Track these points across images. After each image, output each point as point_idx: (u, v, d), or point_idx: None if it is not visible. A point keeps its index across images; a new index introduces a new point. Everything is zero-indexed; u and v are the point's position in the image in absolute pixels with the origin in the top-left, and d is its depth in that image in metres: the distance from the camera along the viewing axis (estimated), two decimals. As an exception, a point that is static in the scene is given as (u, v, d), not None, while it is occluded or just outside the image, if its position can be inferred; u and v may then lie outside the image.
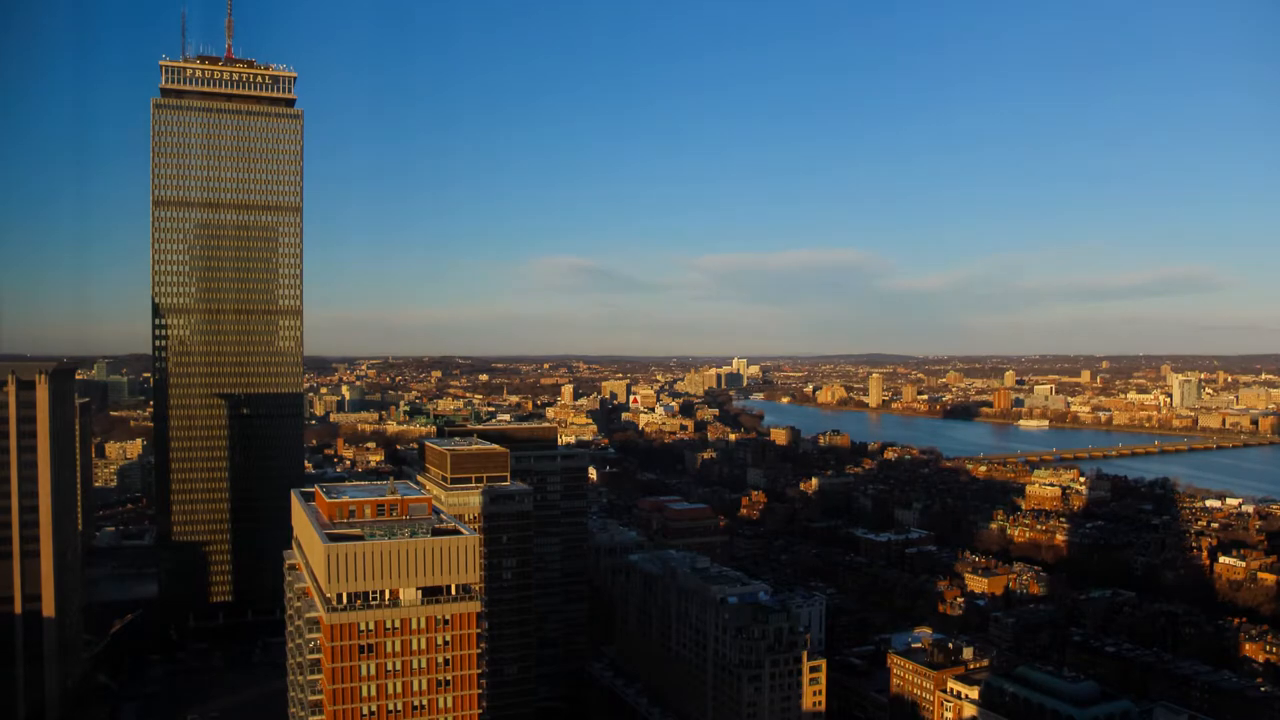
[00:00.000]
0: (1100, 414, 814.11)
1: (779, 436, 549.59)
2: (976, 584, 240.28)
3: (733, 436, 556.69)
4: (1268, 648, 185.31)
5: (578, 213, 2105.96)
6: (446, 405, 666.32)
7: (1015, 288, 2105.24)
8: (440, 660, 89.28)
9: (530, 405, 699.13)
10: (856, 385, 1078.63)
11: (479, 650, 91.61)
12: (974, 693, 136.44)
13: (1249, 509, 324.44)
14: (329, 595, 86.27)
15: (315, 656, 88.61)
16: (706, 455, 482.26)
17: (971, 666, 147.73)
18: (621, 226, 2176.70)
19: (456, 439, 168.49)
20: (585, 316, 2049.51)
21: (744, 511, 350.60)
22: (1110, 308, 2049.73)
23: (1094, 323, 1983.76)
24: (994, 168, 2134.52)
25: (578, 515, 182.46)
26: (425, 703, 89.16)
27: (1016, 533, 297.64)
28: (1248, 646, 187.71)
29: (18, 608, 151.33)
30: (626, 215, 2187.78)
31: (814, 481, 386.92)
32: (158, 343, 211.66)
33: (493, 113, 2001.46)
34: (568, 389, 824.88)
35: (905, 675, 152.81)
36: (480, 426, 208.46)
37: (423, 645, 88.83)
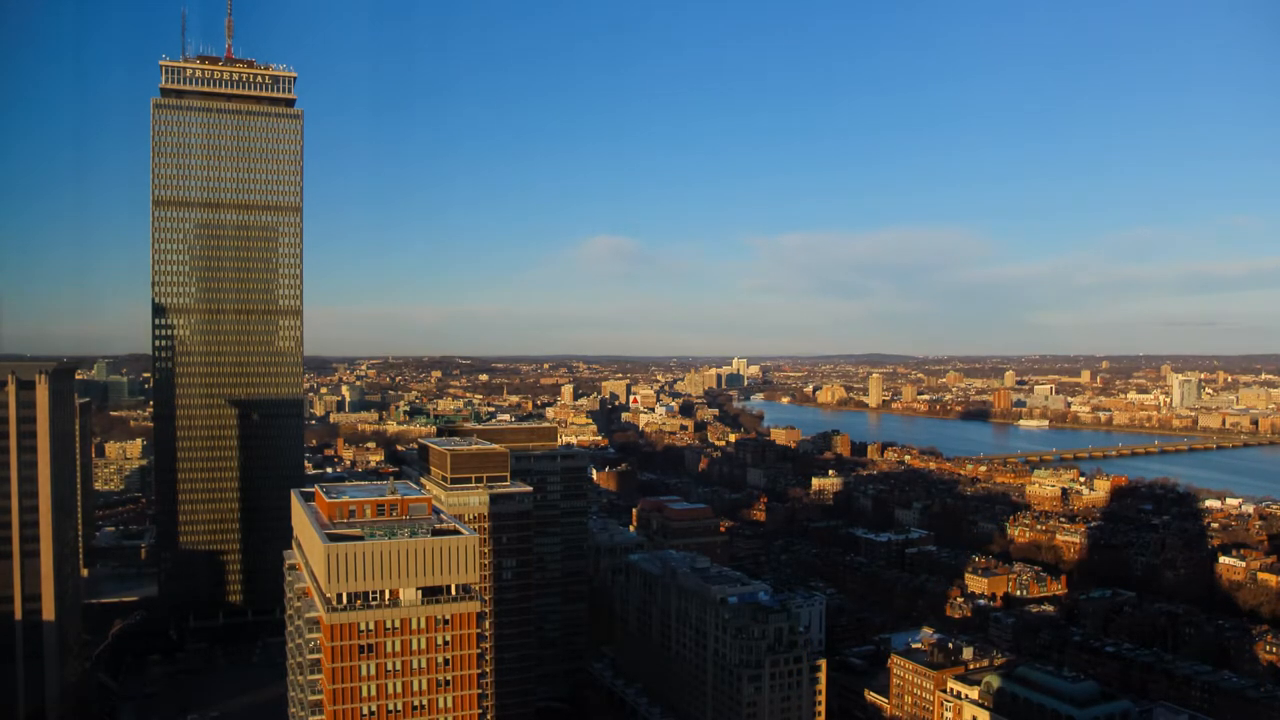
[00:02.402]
0: (1100, 414, 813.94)
1: (779, 436, 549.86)
2: (976, 584, 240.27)
3: (733, 436, 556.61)
4: (1267, 648, 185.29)
5: (620, 195, 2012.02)
6: (446, 405, 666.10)
7: (1119, 275, 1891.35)
8: (440, 660, 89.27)
9: (530, 405, 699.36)
10: (856, 385, 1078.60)
11: (479, 650, 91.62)
12: (974, 693, 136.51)
13: (1249, 509, 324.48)
14: (329, 595, 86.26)
15: (315, 656, 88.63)
16: (707, 455, 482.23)
17: (971, 666, 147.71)
18: (681, 205, 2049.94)
19: (456, 439, 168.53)
20: (614, 313, 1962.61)
21: (744, 511, 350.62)
22: (1236, 300, 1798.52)
23: (1211, 317, 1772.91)
24: (1123, 138, 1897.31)
25: (578, 515, 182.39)
26: (425, 703, 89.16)
27: (1016, 533, 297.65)
28: (1255, 647, 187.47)
29: (17, 608, 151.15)
30: (685, 194, 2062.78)
31: (814, 481, 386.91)
32: (158, 343, 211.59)
33: (496, 109, 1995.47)
34: (568, 389, 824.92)
35: (905, 675, 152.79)
36: (480, 426, 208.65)
37: (423, 645, 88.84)
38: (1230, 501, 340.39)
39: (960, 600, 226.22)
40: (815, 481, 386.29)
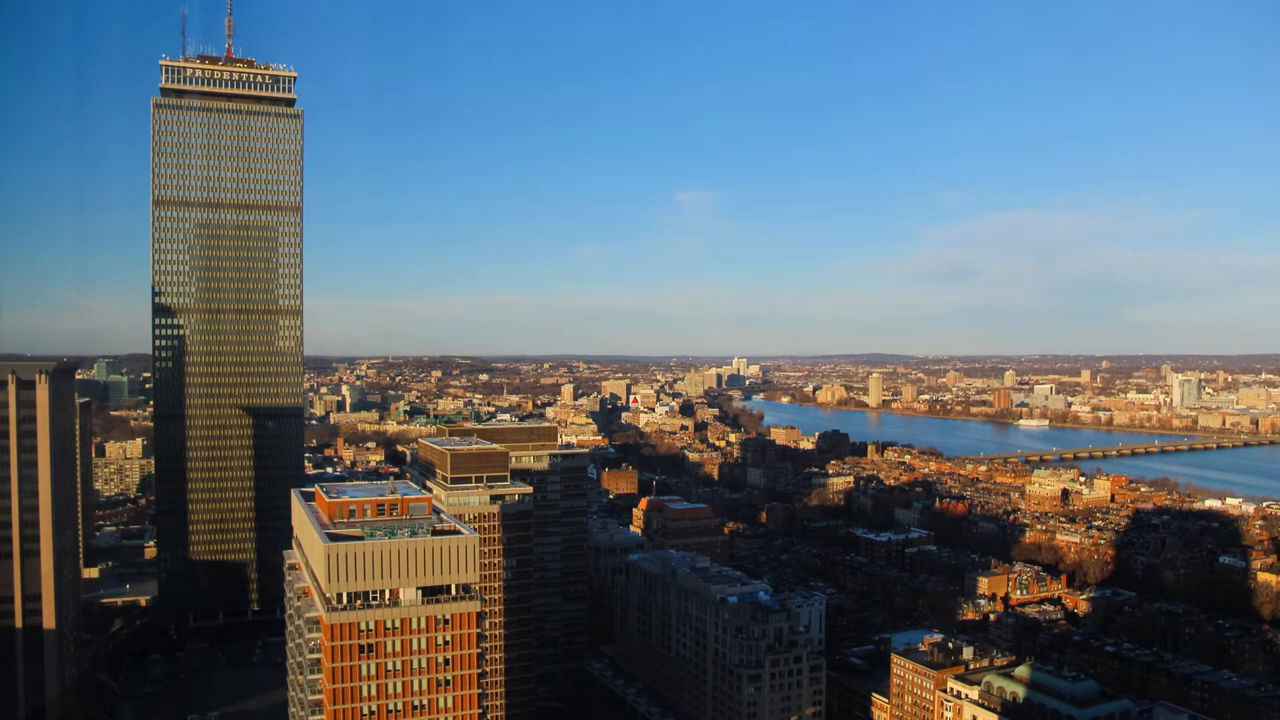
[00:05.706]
0: (1100, 414, 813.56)
1: (779, 436, 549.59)
2: (977, 584, 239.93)
3: (733, 436, 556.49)
4: (1269, 648, 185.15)
5: (700, 161, 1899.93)
6: (446, 405, 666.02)
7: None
8: (440, 660, 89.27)
9: (530, 405, 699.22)
10: (857, 385, 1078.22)
11: (479, 650, 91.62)
12: (974, 692, 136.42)
13: (1249, 509, 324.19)
14: (329, 595, 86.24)
15: (315, 656, 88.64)
16: (707, 455, 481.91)
17: (972, 666, 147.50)
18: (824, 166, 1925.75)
19: (456, 439, 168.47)
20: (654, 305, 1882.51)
21: (744, 511, 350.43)
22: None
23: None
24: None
25: (578, 515, 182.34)
26: (425, 702, 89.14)
27: (1017, 533, 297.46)
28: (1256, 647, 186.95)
29: (18, 608, 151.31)
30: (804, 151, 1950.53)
31: (827, 483, 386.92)
32: (158, 342, 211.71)
33: (499, 106, 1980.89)
34: (568, 389, 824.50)
35: (905, 675, 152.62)
36: (480, 426, 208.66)
37: (423, 645, 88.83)
38: (1230, 501, 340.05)
39: (964, 601, 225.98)
40: (826, 482, 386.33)
